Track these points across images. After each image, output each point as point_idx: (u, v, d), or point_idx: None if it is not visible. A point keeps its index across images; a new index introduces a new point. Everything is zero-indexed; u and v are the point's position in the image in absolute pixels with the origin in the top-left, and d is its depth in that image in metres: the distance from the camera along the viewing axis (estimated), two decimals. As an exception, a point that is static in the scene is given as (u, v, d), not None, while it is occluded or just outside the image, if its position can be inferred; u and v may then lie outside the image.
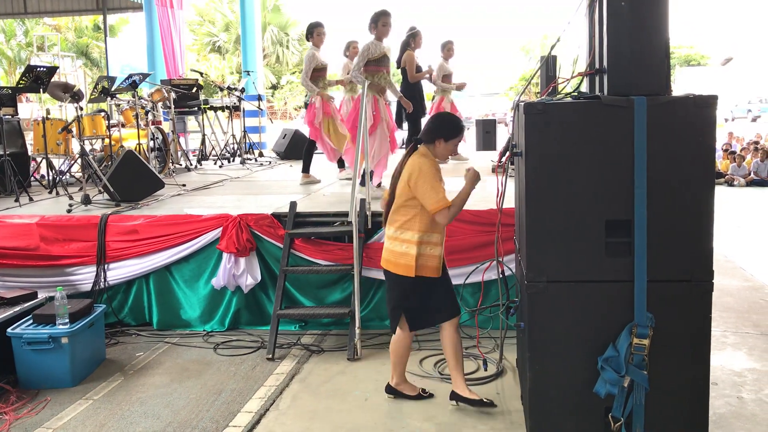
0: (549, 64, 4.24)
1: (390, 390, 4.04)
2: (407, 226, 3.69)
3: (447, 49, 9.23)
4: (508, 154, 3.65)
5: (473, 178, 3.70)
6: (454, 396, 3.86)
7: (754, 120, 36.04)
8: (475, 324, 4.41)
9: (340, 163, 7.70)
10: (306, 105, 7.31)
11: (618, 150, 3.12)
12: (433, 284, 3.76)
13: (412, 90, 8.17)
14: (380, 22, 6.21)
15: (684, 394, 3.22)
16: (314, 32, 7.07)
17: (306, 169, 7.52)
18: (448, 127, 3.77)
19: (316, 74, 7.07)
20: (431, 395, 4.02)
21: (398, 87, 7.36)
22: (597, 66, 3.41)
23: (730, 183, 14.82)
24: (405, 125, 8.51)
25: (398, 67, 8.32)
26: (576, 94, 3.51)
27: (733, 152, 15.78)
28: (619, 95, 3.15)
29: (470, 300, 5.04)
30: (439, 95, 9.35)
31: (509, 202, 4.05)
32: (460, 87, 9.68)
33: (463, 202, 3.65)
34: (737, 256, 7.56)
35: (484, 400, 3.79)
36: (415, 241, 3.65)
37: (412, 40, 8.23)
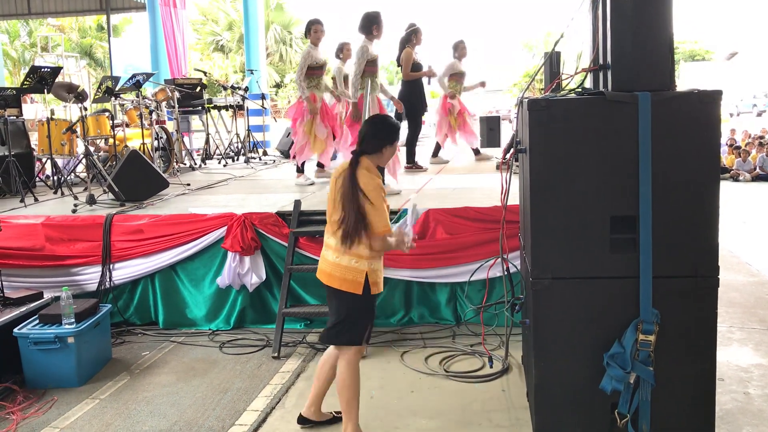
0: (552, 61, 4.23)
1: (302, 420, 3.75)
2: (360, 240, 3.33)
3: (460, 49, 9.13)
4: (512, 151, 3.63)
5: (400, 239, 3.38)
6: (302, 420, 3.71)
7: (759, 115, 35.90)
8: (481, 321, 4.42)
9: (299, 169, 7.40)
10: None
11: (622, 146, 3.11)
12: (377, 298, 3.53)
13: (411, 86, 8.12)
14: (381, 23, 6.19)
15: (690, 390, 3.22)
16: (311, 29, 7.00)
17: (320, 164, 7.50)
18: (390, 131, 3.48)
19: (311, 72, 6.89)
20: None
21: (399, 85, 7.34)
22: (601, 62, 3.41)
23: (735, 178, 14.77)
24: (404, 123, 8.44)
25: (398, 65, 8.29)
26: (580, 90, 3.51)
27: (738, 147, 15.72)
28: (623, 91, 3.14)
29: (475, 297, 5.03)
30: (445, 92, 9.26)
31: (514, 200, 4.05)
32: (482, 85, 9.66)
33: (391, 248, 3.40)
34: (743, 251, 7.54)
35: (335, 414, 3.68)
36: (366, 256, 3.33)
37: (413, 36, 8.18)
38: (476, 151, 9.31)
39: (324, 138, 6.99)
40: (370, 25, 6.28)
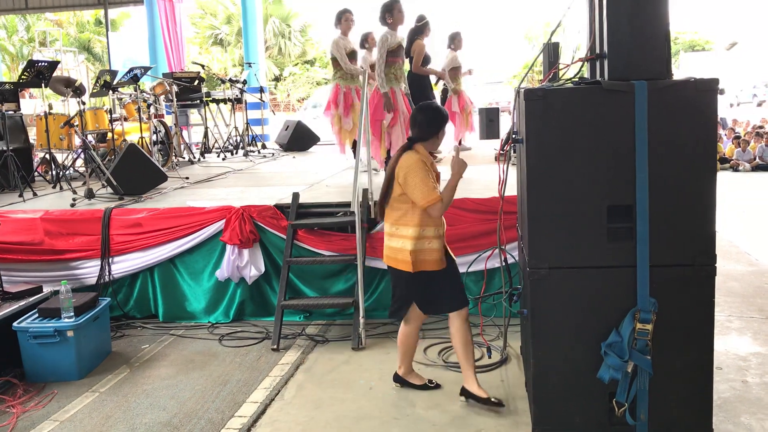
0: (549, 51, 4.22)
1: (397, 379, 4.05)
2: (402, 221, 3.68)
3: (457, 41, 9.09)
4: (509, 141, 3.63)
5: (459, 167, 3.67)
6: (464, 392, 3.82)
7: (759, 105, 35.80)
8: (479, 312, 4.43)
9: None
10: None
11: (619, 135, 3.11)
12: (436, 276, 3.71)
13: (418, 78, 8.08)
14: (395, 9, 6.16)
15: (688, 378, 3.23)
16: (342, 18, 6.97)
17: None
18: (443, 117, 3.78)
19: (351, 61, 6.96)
20: (438, 386, 4.02)
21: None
22: (597, 51, 3.39)
23: (735, 168, 14.75)
24: None
25: (407, 56, 8.26)
26: (577, 80, 3.50)
27: (738, 137, 15.69)
28: (619, 80, 3.13)
29: (474, 288, 5.03)
30: (451, 91, 9.22)
31: (512, 190, 4.05)
32: (469, 72, 9.60)
33: (453, 192, 3.64)
34: (742, 240, 7.54)
35: (492, 400, 3.71)
36: (410, 236, 3.63)
37: (425, 28, 8.14)
38: (459, 142, 9.24)
39: (346, 127, 6.97)
40: (384, 13, 6.26)
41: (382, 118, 6.28)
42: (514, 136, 3.60)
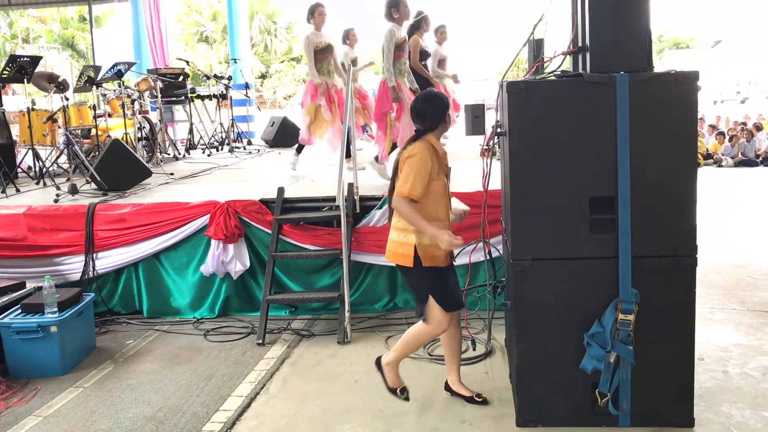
0: (532, 45, 4.24)
1: (447, 387, 3.84)
2: None
3: (440, 33, 9.12)
4: (492, 134, 3.65)
5: (443, 236, 3.31)
6: (448, 388, 3.81)
7: (743, 102, 36.11)
8: (463, 305, 4.44)
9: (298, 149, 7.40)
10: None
11: (601, 127, 3.13)
12: (441, 273, 3.52)
13: (416, 74, 8.04)
14: (402, 4, 6.16)
15: (669, 368, 3.26)
16: (315, 12, 6.94)
17: (349, 154, 7.40)
18: (444, 103, 3.58)
19: (320, 56, 6.88)
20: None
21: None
22: (580, 44, 3.42)
23: (719, 163, 14.89)
24: None
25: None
26: (559, 72, 3.52)
27: (722, 133, 15.83)
28: (601, 73, 3.16)
29: (459, 282, 5.04)
30: (438, 82, 9.24)
31: (497, 185, 4.07)
32: (454, 79, 9.60)
33: (416, 223, 3.34)
34: (725, 234, 7.61)
35: (475, 398, 3.70)
36: (412, 229, 3.41)
37: (423, 23, 8.15)
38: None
39: (327, 118, 6.93)
40: (390, 8, 6.26)
41: (388, 110, 6.29)
42: (498, 129, 3.62)
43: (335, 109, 6.93)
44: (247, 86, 11.59)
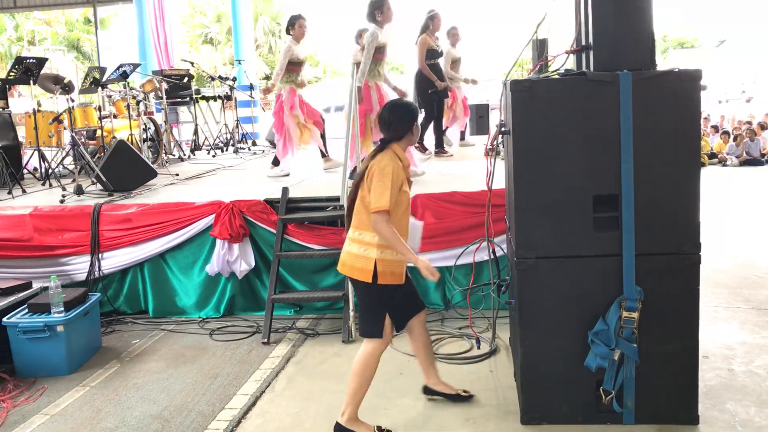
0: (536, 45, 4.25)
1: (426, 391, 3.79)
2: (367, 227, 3.26)
3: (452, 35, 9.07)
4: (495, 133, 3.66)
5: (425, 266, 3.24)
6: (427, 391, 3.76)
7: (748, 101, 36.01)
8: (467, 304, 4.46)
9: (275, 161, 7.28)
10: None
11: (604, 125, 3.14)
12: (398, 290, 3.38)
13: (424, 76, 7.99)
14: (385, 7, 6.16)
15: (674, 365, 3.26)
16: (296, 24, 6.92)
17: (324, 154, 7.41)
18: (410, 113, 3.44)
19: (291, 68, 6.86)
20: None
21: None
22: (583, 43, 3.43)
23: (723, 163, 14.88)
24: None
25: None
26: (563, 71, 3.53)
27: (726, 132, 15.81)
28: (604, 71, 3.16)
29: (462, 281, 5.06)
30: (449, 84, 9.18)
31: (501, 184, 4.08)
32: (472, 83, 9.58)
33: (396, 245, 3.20)
34: (730, 233, 7.60)
35: (461, 394, 3.69)
36: (375, 243, 3.24)
37: (430, 22, 8.07)
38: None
39: (310, 126, 6.95)
40: (373, 10, 6.24)
41: (367, 111, 6.27)
42: (502, 128, 3.62)
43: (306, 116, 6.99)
44: (251, 87, 11.61)
